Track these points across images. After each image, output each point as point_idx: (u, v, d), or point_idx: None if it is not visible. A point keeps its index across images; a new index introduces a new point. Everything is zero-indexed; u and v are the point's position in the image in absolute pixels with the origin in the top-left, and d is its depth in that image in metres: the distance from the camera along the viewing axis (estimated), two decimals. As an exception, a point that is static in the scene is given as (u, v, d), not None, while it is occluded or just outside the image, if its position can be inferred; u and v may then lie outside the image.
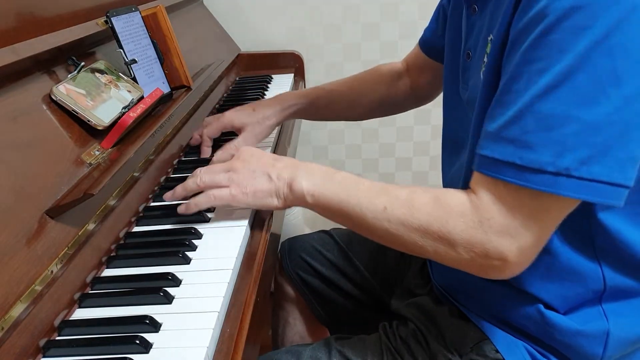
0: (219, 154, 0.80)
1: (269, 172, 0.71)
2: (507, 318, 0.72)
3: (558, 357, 0.70)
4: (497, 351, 0.71)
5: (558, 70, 0.51)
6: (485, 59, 0.65)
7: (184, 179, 0.92)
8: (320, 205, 0.69)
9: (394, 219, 0.62)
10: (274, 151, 1.05)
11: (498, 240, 0.57)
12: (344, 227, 1.10)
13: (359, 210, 0.65)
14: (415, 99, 1.08)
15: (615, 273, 0.66)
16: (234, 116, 1.01)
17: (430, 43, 0.98)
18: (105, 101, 0.80)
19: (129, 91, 0.87)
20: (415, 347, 0.76)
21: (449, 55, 0.81)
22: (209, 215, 0.79)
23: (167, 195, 0.78)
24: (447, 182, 0.84)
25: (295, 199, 0.70)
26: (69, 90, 0.75)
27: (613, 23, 0.50)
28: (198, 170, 0.76)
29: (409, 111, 1.10)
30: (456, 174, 0.75)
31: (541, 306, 0.68)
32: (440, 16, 0.92)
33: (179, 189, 0.76)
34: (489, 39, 0.65)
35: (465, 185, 0.70)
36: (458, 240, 0.59)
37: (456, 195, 0.61)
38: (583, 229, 0.63)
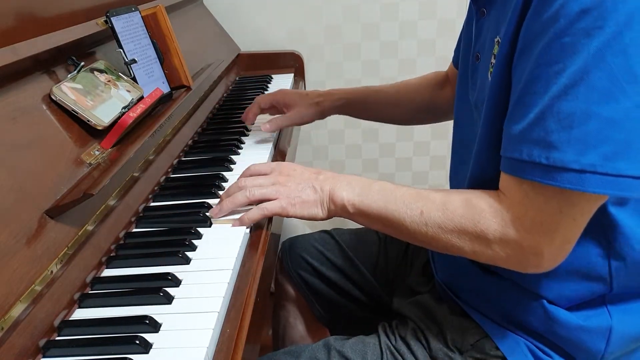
0: (258, 166, 0.80)
1: (313, 184, 0.74)
2: (509, 313, 0.72)
3: (560, 353, 0.70)
4: (497, 348, 0.72)
5: (574, 71, 0.53)
6: (493, 60, 0.66)
7: (183, 178, 0.92)
8: (361, 213, 0.71)
9: (431, 222, 0.65)
10: (274, 151, 1.05)
11: (531, 237, 0.59)
12: (344, 228, 1.10)
13: (398, 215, 0.68)
14: None
15: (623, 274, 0.66)
16: (287, 93, 1.08)
17: (457, 58, 0.99)
18: (105, 101, 0.80)
19: (129, 91, 0.87)
20: (415, 345, 0.76)
21: (462, 59, 0.82)
22: (209, 215, 0.79)
23: (214, 211, 0.78)
24: (455, 184, 0.84)
25: (337, 209, 0.73)
26: (69, 90, 0.75)
27: (623, 22, 0.51)
28: (242, 182, 0.77)
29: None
30: (464, 175, 0.75)
31: (544, 301, 0.68)
32: (462, 39, 0.94)
33: (228, 204, 0.77)
34: (496, 40, 0.66)
35: (470, 184, 0.71)
36: (492, 239, 0.61)
37: (487, 196, 0.63)
38: (596, 226, 0.64)
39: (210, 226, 0.76)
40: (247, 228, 0.74)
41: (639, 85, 0.52)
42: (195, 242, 0.72)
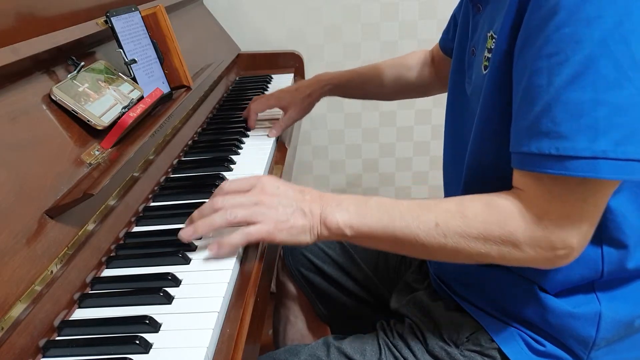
0: (237, 183, 0.71)
1: (301, 207, 0.67)
2: (502, 303, 0.73)
3: (552, 341, 0.71)
4: (492, 340, 0.72)
5: (579, 60, 0.53)
6: (487, 54, 0.66)
7: (184, 178, 0.92)
8: (362, 235, 0.66)
9: (451, 233, 0.62)
10: (274, 151, 1.05)
11: (560, 231, 0.59)
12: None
13: (409, 231, 0.63)
14: (439, 86, 1.15)
15: (615, 260, 0.67)
16: (279, 95, 1.13)
17: (444, 42, 1.04)
18: (105, 101, 0.80)
19: (129, 91, 0.87)
20: (412, 341, 0.77)
21: (456, 53, 0.83)
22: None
23: (187, 232, 0.68)
24: (449, 179, 0.85)
25: (330, 234, 0.66)
26: (69, 90, 0.75)
27: (622, 11, 0.52)
28: (220, 202, 0.68)
29: (409, 111, 1.11)
30: (458, 170, 0.76)
31: (536, 287, 0.69)
32: (451, 25, 0.98)
33: (203, 226, 0.67)
34: (489, 34, 0.67)
35: (468, 179, 0.72)
36: (521, 239, 0.60)
37: (507, 196, 0.62)
38: None
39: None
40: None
41: None
42: (195, 242, 0.72)
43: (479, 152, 0.69)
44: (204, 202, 0.80)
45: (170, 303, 0.61)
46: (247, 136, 1.10)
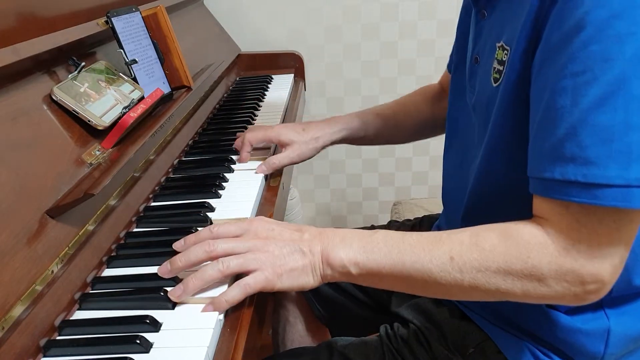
0: (225, 227, 0.64)
1: (300, 247, 0.62)
2: (509, 316, 0.72)
3: (560, 356, 0.70)
4: (499, 351, 0.71)
5: (608, 79, 0.50)
6: (496, 65, 0.64)
7: (184, 178, 0.92)
8: (368, 273, 0.61)
9: (467, 268, 0.57)
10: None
11: (590, 264, 0.54)
12: (345, 228, 1.10)
13: (420, 267, 0.58)
14: None
15: (622, 275, 0.65)
16: (282, 131, 0.97)
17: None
18: (105, 101, 0.80)
19: (130, 91, 0.87)
20: (417, 348, 0.76)
21: (456, 59, 0.80)
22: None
23: (176, 292, 0.61)
24: (451, 187, 0.84)
25: (334, 273, 0.62)
26: (70, 90, 0.75)
27: None
28: (210, 245, 0.62)
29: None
30: (461, 181, 0.74)
31: (543, 305, 0.68)
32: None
33: (195, 282, 0.60)
34: (498, 45, 0.64)
35: (474, 187, 0.70)
36: (546, 273, 0.55)
37: (528, 227, 0.56)
38: None
39: (208, 222, 0.74)
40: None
41: None
42: (195, 242, 0.72)
43: (488, 165, 0.66)
44: (205, 201, 0.81)
45: (170, 302, 0.61)
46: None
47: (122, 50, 0.90)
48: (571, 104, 0.51)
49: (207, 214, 0.79)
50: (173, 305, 0.61)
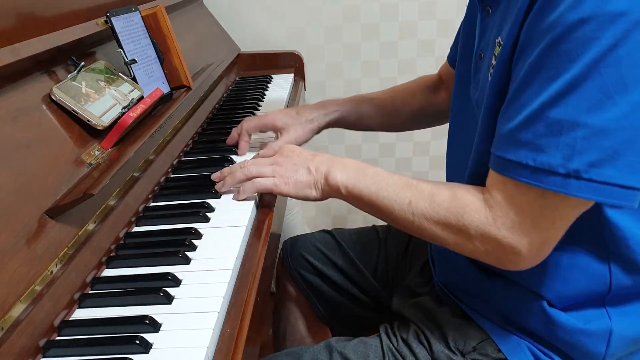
0: (264, 151, 0.85)
1: (308, 165, 0.76)
2: (510, 316, 0.72)
3: (561, 356, 0.70)
4: (499, 351, 0.72)
5: (567, 79, 0.54)
6: (494, 61, 0.66)
7: (184, 178, 0.93)
8: (352, 196, 0.73)
9: (418, 213, 0.66)
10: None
11: (510, 236, 0.60)
12: (345, 228, 1.10)
13: (387, 202, 0.69)
14: None
15: (623, 275, 0.66)
16: (276, 116, 1.00)
17: (454, 56, 0.97)
18: (105, 101, 0.80)
19: (129, 91, 0.87)
20: (417, 348, 0.76)
21: (460, 56, 0.82)
22: (209, 215, 0.79)
23: (219, 186, 0.83)
24: (454, 179, 0.84)
25: (330, 190, 0.75)
26: (69, 90, 0.75)
27: (620, 35, 0.52)
28: (245, 161, 0.81)
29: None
30: (460, 173, 0.75)
31: (544, 303, 0.68)
32: (459, 38, 0.92)
33: (229, 179, 0.82)
34: (497, 40, 0.66)
35: (469, 181, 0.71)
36: (473, 234, 0.63)
37: (474, 192, 0.64)
38: (595, 228, 0.64)
39: (209, 221, 0.76)
40: (246, 227, 0.74)
41: (629, 95, 0.53)
42: (195, 242, 0.72)
43: (484, 157, 0.68)
44: (204, 202, 0.81)
45: (170, 303, 0.61)
46: (247, 136, 1.10)
47: (121, 50, 0.90)
48: (535, 94, 0.56)
49: (207, 214, 0.78)
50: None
